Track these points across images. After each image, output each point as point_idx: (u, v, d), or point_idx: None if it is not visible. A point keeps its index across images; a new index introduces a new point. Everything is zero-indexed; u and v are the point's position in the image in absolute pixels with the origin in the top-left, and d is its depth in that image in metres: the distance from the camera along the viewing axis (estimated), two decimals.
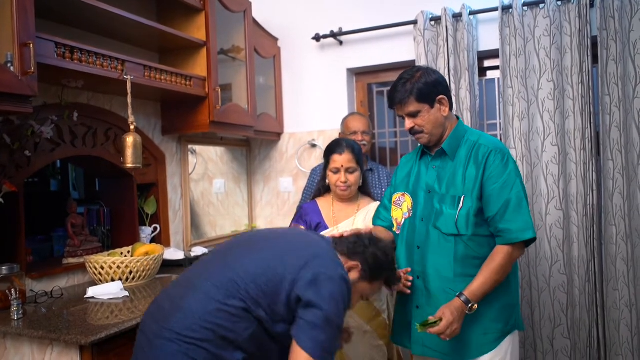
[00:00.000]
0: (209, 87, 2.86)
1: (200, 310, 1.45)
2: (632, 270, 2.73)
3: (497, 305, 1.86)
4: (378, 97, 3.74)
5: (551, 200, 2.95)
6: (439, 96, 1.92)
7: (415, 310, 1.96)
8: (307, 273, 1.49)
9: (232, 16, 3.18)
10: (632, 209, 2.74)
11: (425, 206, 1.96)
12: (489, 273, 1.79)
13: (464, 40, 3.10)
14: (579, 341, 2.90)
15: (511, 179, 1.83)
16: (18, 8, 1.78)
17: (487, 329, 1.86)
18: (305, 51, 3.71)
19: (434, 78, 1.92)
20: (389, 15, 3.38)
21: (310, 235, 1.78)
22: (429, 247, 1.92)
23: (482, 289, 1.78)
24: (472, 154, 1.90)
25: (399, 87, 1.93)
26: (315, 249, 1.60)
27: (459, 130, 1.97)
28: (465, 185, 1.87)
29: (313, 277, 1.48)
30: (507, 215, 1.80)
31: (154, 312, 1.55)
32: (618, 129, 2.76)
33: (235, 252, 1.62)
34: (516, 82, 2.99)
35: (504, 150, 1.88)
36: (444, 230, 1.89)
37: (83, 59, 2.13)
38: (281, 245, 1.64)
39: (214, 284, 1.50)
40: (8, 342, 1.92)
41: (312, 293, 1.46)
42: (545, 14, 2.93)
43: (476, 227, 1.85)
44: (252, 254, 1.59)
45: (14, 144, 2.19)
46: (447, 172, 1.94)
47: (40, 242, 3.05)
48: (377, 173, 3.19)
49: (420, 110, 1.92)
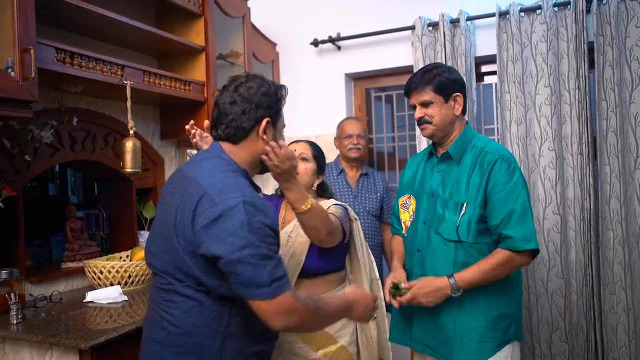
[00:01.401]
0: (208, 92, 2.87)
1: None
2: (630, 274, 2.74)
3: (496, 314, 1.86)
4: (376, 102, 3.76)
5: (549, 205, 2.96)
6: (456, 93, 1.94)
7: (417, 310, 1.97)
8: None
9: (231, 22, 3.19)
10: (629, 214, 2.75)
11: (428, 210, 1.97)
12: (484, 266, 1.81)
13: (462, 45, 3.12)
14: (576, 345, 2.91)
15: (517, 189, 1.82)
16: (19, 14, 1.79)
17: (484, 336, 1.85)
18: (303, 56, 3.72)
19: (455, 76, 1.96)
20: (387, 21, 3.40)
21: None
22: (429, 251, 1.93)
23: (471, 277, 1.80)
24: (478, 161, 1.89)
25: (419, 75, 1.97)
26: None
27: (466, 135, 1.97)
28: (469, 192, 1.87)
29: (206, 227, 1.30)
30: (511, 224, 1.80)
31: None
32: (615, 134, 2.78)
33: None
34: (513, 87, 3.01)
35: (510, 159, 1.88)
36: (445, 236, 1.89)
37: (83, 64, 2.14)
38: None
39: None
40: (7, 346, 1.92)
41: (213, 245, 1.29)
42: (542, 20, 2.95)
43: (477, 235, 1.85)
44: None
45: (14, 149, 2.20)
46: (452, 177, 1.94)
47: (39, 247, 3.05)
48: (373, 178, 3.20)
49: (434, 102, 1.94)
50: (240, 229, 1.27)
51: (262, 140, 1.49)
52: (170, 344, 1.40)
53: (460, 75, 2.01)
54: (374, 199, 3.13)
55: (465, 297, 1.84)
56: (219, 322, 1.39)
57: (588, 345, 2.89)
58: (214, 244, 1.28)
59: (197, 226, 1.31)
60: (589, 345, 2.89)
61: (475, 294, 1.85)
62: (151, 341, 1.45)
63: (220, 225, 1.28)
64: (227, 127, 1.47)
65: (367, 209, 3.09)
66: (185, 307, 1.38)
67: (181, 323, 1.39)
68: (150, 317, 1.49)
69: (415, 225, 2.01)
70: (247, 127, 1.46)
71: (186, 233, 1.33)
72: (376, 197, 3.14)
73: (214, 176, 1.38)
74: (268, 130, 1.49)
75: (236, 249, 1.26)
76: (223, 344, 1.39)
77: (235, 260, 1.26)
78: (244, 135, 1.47)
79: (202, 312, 1.38)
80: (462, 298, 1.84)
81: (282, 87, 1.57)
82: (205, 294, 1.38)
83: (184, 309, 1.38)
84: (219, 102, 1.50)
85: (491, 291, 1.86)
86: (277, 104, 1.52)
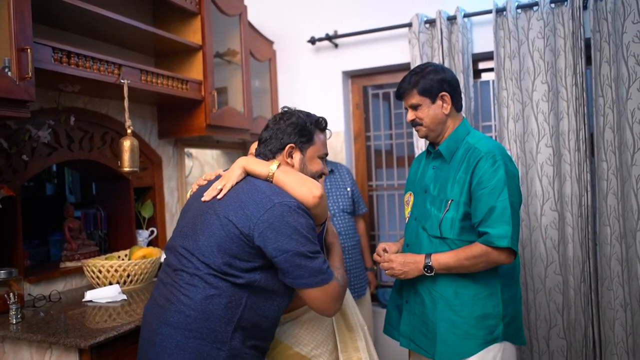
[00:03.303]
0: (205, 91, 2.87)
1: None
2: (627, 270, 2.75)
3: (480, 312, 1.87)
4: (373, 99, 3.76)
5: (546, 201, 2.97)
6: (442, 93, 1.95)
7: (405, 305, 2.04)
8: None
9: (228, 20, 3.19)
10: (626, 210, 2.76)
11: (421, 206, 2.01)
12: (459, 253, 1.84)
13: (459, 42, 3.12)
14: (574, 341, 2.92)
15: (499, 186, 1.81)
16: (15, 13, 1.78)
17: (467, 333, 1.87)
18: (300, 54, 3.72)
19: (441, 76, 1.97)
20: (384, 18, 3.40)
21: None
22: (416, 246, 1.99)
23: (445, 261, 1.85)
24: (466, 157, 1.91)
25: (407, 78, 2.01)
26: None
27: (459, 131, 1.98)
28: (454, 189, 1.90)
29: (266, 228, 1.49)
30: (489, 221, 1.80)
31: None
32: (612, 130, 2.79)
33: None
34: (510, 84, 3.01)
35: (497, 155, 1.85)
36: (429, 232, 1.94)
37: (80, 63, 2.14)
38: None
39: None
40: (7, 346, 1.92)
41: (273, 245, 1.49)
42: (539, 17, 2.96)
43: (461, 232, 1.88)
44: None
45: (11, 149, 2.20)
46: (443, 174, 1.96)
47: (37, 247, 3.05)
48: (338, 172, 3.15)
49: (421, 104, 1.98)
50: (300, 228, 1.50)
51: (287, 162, 1.69)
52: (186, 327, 1.49)
53: (449, 73, 2.01)
54: (344, 195, 3.08)
55: (451, 293, 1.88)
56: (234, 312, 1.51)
57: (586, 340, 2.90)
58: (280, 239, 1.48)
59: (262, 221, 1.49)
60: (587, 340, 2.90)
61: (461, 291, 1.88)
62: (163, 324, 1.52)
63: (284, 223, 1.49)
64: (260, 149, 1.74)
65: (340, 206, 3.04)
66: (206, 294, 1.50)
67: (200, 308, 1.49)
68: (163, 300, 1.56)
69: (410, 221, 2.06)
70: (273, 150, 1.70)
71: (250, 223, 1.49)
72: (346, 193, 3.09)
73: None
74: (294, 154, 1.70)
75: (300, 245, 1.49)
76: (234, 332, 1.51)
77: (300, 253, 1.48)
78: (272, 156, 1.70)
79: (221, 301, 1.50)
80: (449, 294, 1.88)
81: (317, 119, 1.76)
82: (229, 283, 1.51)
83: (205, 295, 1.50)
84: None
85: (477, 290, 1.88)
86: (303, 131, 1.70)
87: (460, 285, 1.88)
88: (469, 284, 1.88)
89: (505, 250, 1.80)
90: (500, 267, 1.89)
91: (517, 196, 1.86)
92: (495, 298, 1.89)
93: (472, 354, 1.86)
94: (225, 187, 1.59)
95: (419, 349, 1.98)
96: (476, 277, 1.87)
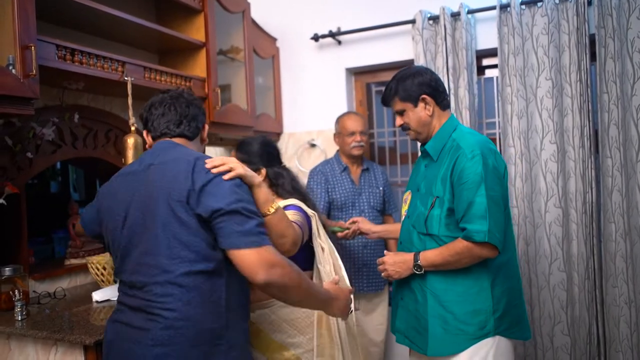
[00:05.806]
0: (208, 88, 2.87)
1: None
2: (632, 267, 2.75)
3: (470, 308, 1.88)
4: (377, 96, 3.75)
5: (550, 198, 2.96)
6: (422, 95, 1.98)
7: (400, 301, 2.08)
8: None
9: (231, 17, 3.19)
10: (630, 206, 2.75)
11: (412, 204, 2.06)
12: (443, 250, 1.87)
13: (462, 39, 3.11)
14: (578, 338, 2.92)
15: (476, 182, 1.82)
16: (19, 11, 1.79)
17: (457, 329, 1.88)
18: (303, 51, 3.71)
19: (419, 79, 1.99)
20: (387, 15, 3.39)
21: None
22: (408, 243, 2.03)
23: (432, 258, 1.89)
24: (449, 153, 1.93)
25: (389, 86, 2.06)
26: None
27: (444, 129, 2.01)
28: (438, 186, 1.93)
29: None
30: (468, 216, 1.82)
31: None
32: (616, 126, 2.77)
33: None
34: (514, 80, 3.00)
35: (475, 150, 1.85)
36: (417, 229, 1.98)
37: (84, 60, 2.14)
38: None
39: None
40: (12, 342, 1.93)
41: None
42: (543, 13, 2.94)
43: (448, 228, 1.90)
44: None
45: (15, 146, 2.20)
46: (431, 172, 2.00)
47: (41, 244, 3.06)
48: (373, 172, 3.20)
49: (405, 109, 2.03)
50: (234, 187, 1.48)
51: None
52: (178, 341, 1.42)
53: (428, 74, 2.02)
54: (376, 194, 3.14)
55: (441, 289, 1.91)
56: (218, 304, 1.48)
57: (590, 337, 2.90)
58: (212, 199, 1.44)
59: (196, 188, 1.45)
60: (591, 337, 2.89)
61: (451, 287, 1.90)
62: (151, 346, 1.43)
63: (214, 186, 1.46)
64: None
65: (371, 204, 3.10)
66: (185, 299, 1.44)
67: (186, 315, 1.44)
68: (138, 325, 1.47)
69: (404, 219, 2.11)
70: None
71: (190, 199, 1.45)
72: (378, 192, 3.15)
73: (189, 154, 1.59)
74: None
75: (233, 201, 1.44)
76: (227, 322, 1.49)
77: (232, 210, 1.42)
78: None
79: (204, 299, 1.45)
80: (439, 290, 1.91)
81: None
82: (203, 275, 1.45)
83: (185, 300, 1.44)
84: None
85: (467, 285, 1.90)
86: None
87: (450, 282, 1.90)
88: (459, 280, 1.90)
89: (487, 245, 1.81)
90: (490, 262, 1.89)
91: (497, 190, 1.85)
92: (485, 293, 1.89)
93: (464, 349, 1.87)
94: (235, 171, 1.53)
95: (412, 344, 2.01)
96: (466, 273, 1.89)
